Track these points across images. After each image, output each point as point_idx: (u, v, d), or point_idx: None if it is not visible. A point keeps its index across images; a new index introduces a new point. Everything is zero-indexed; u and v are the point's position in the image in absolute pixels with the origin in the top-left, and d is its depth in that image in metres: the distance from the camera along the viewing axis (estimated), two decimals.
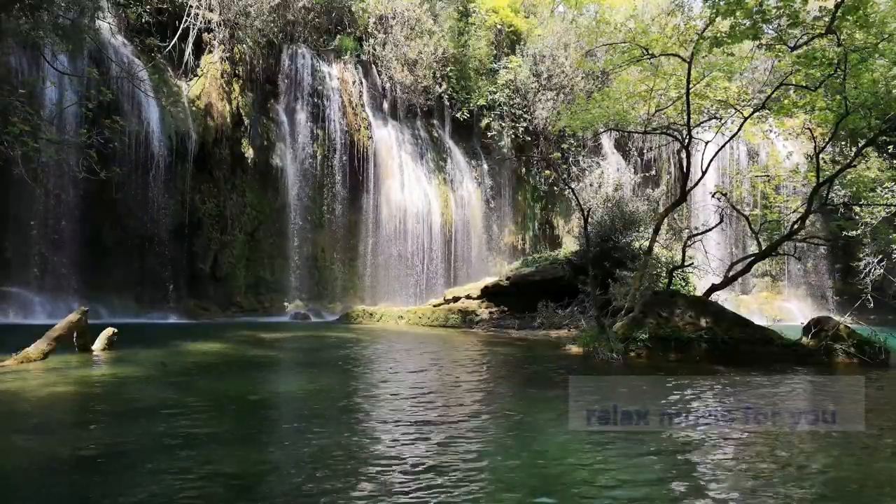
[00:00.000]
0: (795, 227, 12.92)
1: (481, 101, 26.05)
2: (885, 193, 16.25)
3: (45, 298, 16.37)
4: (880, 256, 19.87)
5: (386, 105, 24.92)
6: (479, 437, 5.06)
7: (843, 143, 21.55)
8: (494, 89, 26.19)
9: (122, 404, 6.15)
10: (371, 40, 24.40)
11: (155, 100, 18.17)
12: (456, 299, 18.94)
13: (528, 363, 10.21)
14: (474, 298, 18.58)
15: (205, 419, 5.60)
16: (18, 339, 8.68)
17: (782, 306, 25.70)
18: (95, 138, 12.24)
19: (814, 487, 4.07)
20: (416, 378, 8.36)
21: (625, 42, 13.29)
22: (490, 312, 17.67)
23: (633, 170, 27.48)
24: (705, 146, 13.59)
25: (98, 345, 9.58)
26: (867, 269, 20.66)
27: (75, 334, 9.17)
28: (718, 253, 22.16)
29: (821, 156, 12.93)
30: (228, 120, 20.33)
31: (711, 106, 13.72)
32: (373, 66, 24.53)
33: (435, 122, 26.43)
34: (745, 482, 4.10)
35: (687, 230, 20.31)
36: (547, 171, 26.98)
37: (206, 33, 20.35)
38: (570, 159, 26.91)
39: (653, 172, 27.94)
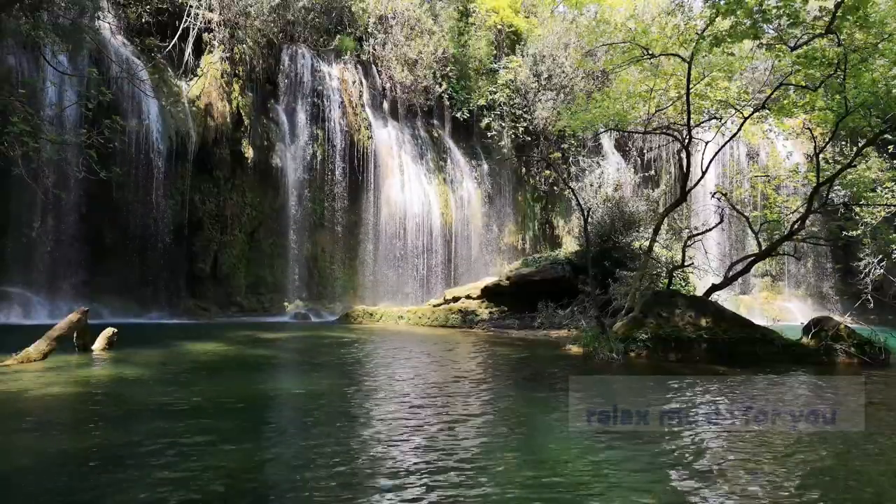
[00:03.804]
0: (795, 227, 12.92)
1: (481, 101, 26.05)
2: (885, 193, 16.24)
3: (45, 298, 16.37)
4: (880, 256, 19.86)
5: (386, 105, 24.91)
6: (479, 437, 5.06)
7: (843, 143, 21.55)
8: (494, 89, 26.19)
9: (121, 404, 6.15)
10: (371, 40, 24.40)
11: (155, 100, 18.18)
12: (456, 299, 18.94)
13: (529, 363, 10.22)
14: (474, 298, 18.58)
15: (204, 419, 5.60)
16: (18, 339, 8.69)
17: (782, 306, 25.68)
18: (95, 138, 12.25)
19: (814, 487, 4.07)
20: (416, 378, 8.36)
21: (625, 42, 13.27)
22: (490, 312, 17.67)
23: (633, 170, 27.49)
24: (705, 146, 13.58)
25: (98, 345, 9.59)
26: (867, 269, 20.65)
27: (75, 334, 9.19)
28: (718, 253, 22.18)
29: (821, 156, 12.92)
30: (228, 120, 20.33)
31: (711, 106, 13.69)
32: (373, 66, 24.54)
33: (435, 122, 26.43)
34: (745, 482, 4.10)
35: (687, 230, 20.28)
36: (547, 171, 26.97)
37: (206, 33, 20.36)
38: (570, 159, 26.91)
39: (653, 172, 27.94)
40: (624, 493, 3.85)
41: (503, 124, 26.24)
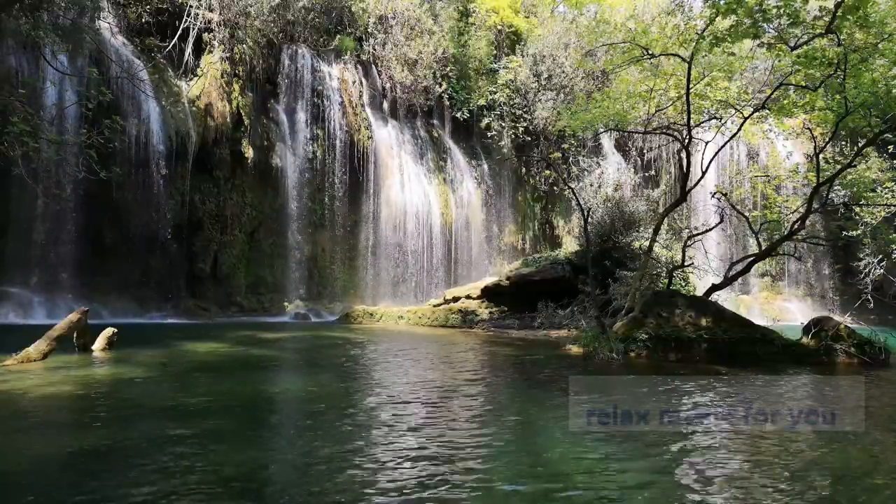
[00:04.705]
0: (795, 227, 12.92)
1: (481, 101, 26.05)
2: (885, 193, 16.24)
3: (45, 298, 16.36)
4: (880, 256, 19.85)
5: (386, 105, 24.92)
6: (479, 438, 5.06)
7: (843, 143, 21.55)
8: (494, 89, 26.19)
9: (122, 404, 6.15)
10: (371, 40, 24.40)
11: (155, 100, 18.18)
12: (456, 299, 18.94)
13: (528, 363, 10.21)
14: (474, 298, 18.58)
15: (205, 419, 5.59)
16: (18, 339, 8.69)
17: (782, 306, 25.68)
18: (95, 138, 12.25)
19: (813, 487, 4.07)
20: (415, 378, 8.36)
21: (625, 42, 13.27)
22: (490, 312, 17.67)
23: (633, 170, 27.48)
24: (705, 146, 13.58)
25: (98, 345, 9.58)
26: (867, 269, 20.65)
27: (75, 334, 9.19)
28: (718, 253, 22.17)
29: (821, 156, 12.92)
30: (228, 120, 20.33)
31: (711, 106, 13.69)
32: (373, 66, 24.53)
33: (435, 122, 26.43)
34: (745, 482, 4.10)
35: (687, 230, 20.28)
36: (547, 171, 26.96)
37: (206, 33, 20.35)
38: (570, 159, 26.91)
39: (653, 172, 27.93)
40: (624, 493, 3.85)
41: (503, 124, 26.24)
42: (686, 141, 13.09)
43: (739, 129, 13.65)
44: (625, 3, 25.48)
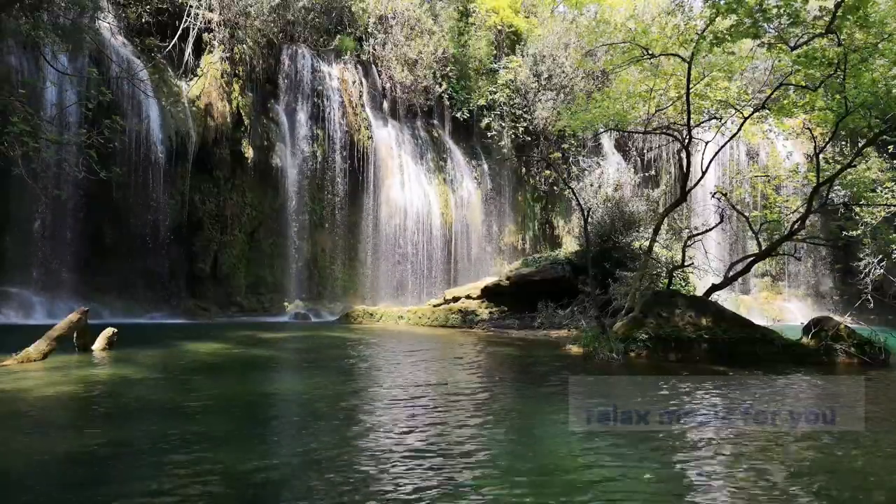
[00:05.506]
0: (795, 227, 12.92)
1: (481, 101, 26.05)
2: (885, 193, 16.24)
3: (45, 298, 16.36)
4: (880, 256, 19.85)
5: (386, 105, 24.92)
6: (479, 438, 5.06)
7: (843, 143, 21.55)
8: (494, 89, 26.19)
9: (122, 404, 6.15)
10: (371, 40, 24.40)
11: (155, 100, 18.17)
12: (456, 299, 18.94)
13: (529, 363, 10.21)
14: (474, 298, 18.57)
15: (205, 419, 5.59)
16: (18, 339, 8.69)
17: (782, 306, 25.69)
18: (95, 138, 12.24)
19: (813, 488, 4.07)
20: (416, 378, 8.36)
21: (625, 42, 13.27)
22: (490, 312, 17.67)
23: (633, 170, 27.47)
24: (705, 146, 13.58)
25: (98, 345, 9.59)
26: (867, 269, 20.65)
27: (75, 334, 9.19)
28: (718, 253, 22.16)
29: (821, 156, 12.93)
30: (228, 120, 20.32)
31: (711, 106, 13.69)
32: (373, 66, 24.54)
33: (435, 122, 26.43)
34: (745, 482, 4.10)
35: (687, 230, 20.26)
36: (547, 171, 26.96)
37: (206, 33, 20.35)
38: (570, 159, 26.90)
39: (653, 172, 27.93)
40: (624, 493, 3.85)
41: (503, 124, 26.23)
42: (686, 141, 13.09)
43: (739, 129, 13.64)
44: (625, 3, 25.48)
